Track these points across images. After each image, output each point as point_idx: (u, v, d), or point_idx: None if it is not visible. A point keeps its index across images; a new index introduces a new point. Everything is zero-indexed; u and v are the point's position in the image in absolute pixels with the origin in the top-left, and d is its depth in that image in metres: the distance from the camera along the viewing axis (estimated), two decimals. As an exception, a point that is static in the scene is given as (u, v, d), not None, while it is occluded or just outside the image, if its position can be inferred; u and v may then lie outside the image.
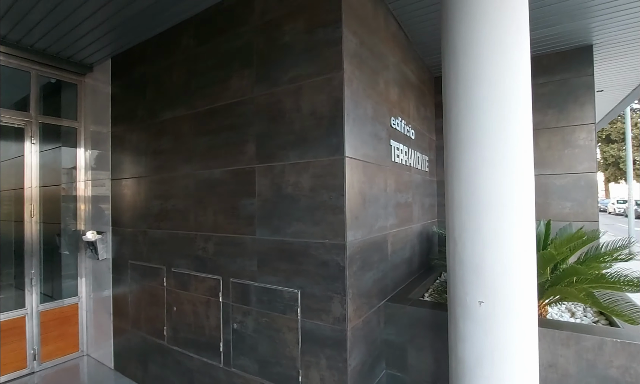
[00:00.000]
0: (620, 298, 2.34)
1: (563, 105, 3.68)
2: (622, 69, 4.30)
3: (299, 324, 2.37)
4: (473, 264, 1.70)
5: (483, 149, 1.66)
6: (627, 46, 3.67)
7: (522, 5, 1.71)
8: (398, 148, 3.00)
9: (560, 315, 2.53)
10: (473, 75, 1.69)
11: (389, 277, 2.86)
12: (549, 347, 2.06)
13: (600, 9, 3.01)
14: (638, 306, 2.15)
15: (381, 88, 2.75)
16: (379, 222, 2.63)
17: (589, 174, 3.57)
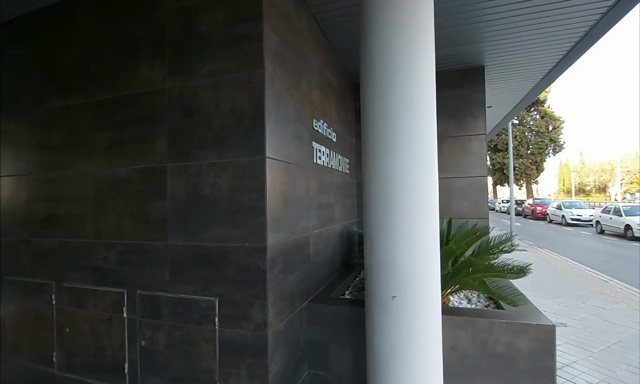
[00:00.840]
0: (505, 284, 2.74)
1: (461, 117, 4.20)
2: (506, 89, 5.08)
3: (217, 334, 2.23)
4: (387, 262, 1.80)
5: (396, 154, 1.77)
6: (509, 70, 4.35)
7: (429, 24, 1.87)
8: (320, 150, 3.05)
9: (460, 302, 2.86)
10: (388, 84, 1.80)
11: (311, 278, 2.88)
12: (451, 332, 2.30)
13: (491, 35, 3.51)
14: (518, 290, 2.55)
15: (304, 90, 2.76)
16: (301, 223, 2.63)
17: (481, 178, 4.13)
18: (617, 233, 15.00)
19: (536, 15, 3.11)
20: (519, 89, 5.05)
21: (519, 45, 3.68)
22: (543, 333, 2.11)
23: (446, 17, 3.12)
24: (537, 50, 3.76)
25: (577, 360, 3.78)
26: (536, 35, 3.46)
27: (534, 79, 4.61)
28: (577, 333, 4.50)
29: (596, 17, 3.03)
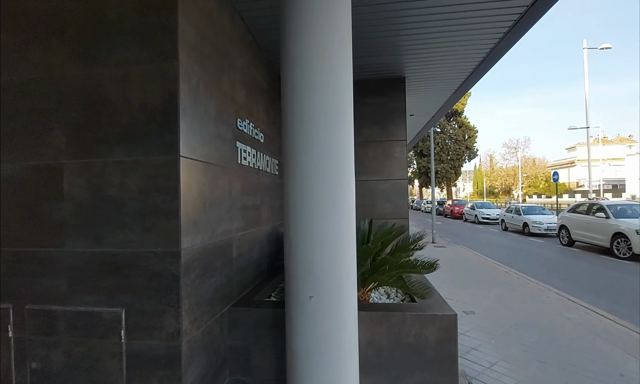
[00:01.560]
0: (419, 279, 2.98)
1: (384, 123, 4.47)
2: (425, 99, 5.53)
3: (124, 347, 2.05)
4: (304, 262, 1.83)
5: (313, 156, 1.81)
6: (427, 82, 4.75)
7: (346, 32, 1.95)
8: (245, 150, 2.99)
9: (380, 298, 3.03)
10: (305, 88, 1.83)
11: (234, 282, 2.80)
12: (368, 327, 2.42)
13: (409, 49, 3.79)
14: (429, 285, 2.78)
15: (226, 88, 2.68)
16: (222, 226, 2.54)
17: (402, 180, 4.44)
18: (517, 230, 17.31)
19: (449, 32, 3.44)
20: (436, 99, 5.55)
21: (435, 59, 4.04)
22: (447, 322, 2.34)
23: (368, 28, 3.30)
24: (451, 65, 4.17)
25: (481, 344, 4.25)
26: (450, 51, 3.83)
27: (449, 90, 5.10)
28: (483, 319, 5.07)
29: (503, 31, 3.39)
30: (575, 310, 5.46)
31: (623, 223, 10.13)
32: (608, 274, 8.44)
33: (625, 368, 3.62)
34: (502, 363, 3.74)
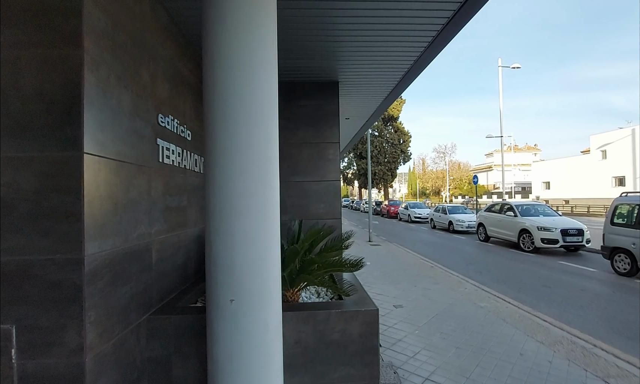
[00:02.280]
0: (344, 278, 3.09)
1: (318, 125, 4.56)
2: (359, 104, 5.76)
3: (15, 369, 1.79)
4: (225, 265, 1.78)
5: (234, 157, 1.77)
6: (360, 87, 4.95)
7: (271, 32, 1.94)
8: (168, 148, 2.81)
9: (310, 297, 3.07)
10: (226, 86, 1.78)
11: (154, 289, 2.62)
12: (295, 327, 2.44)
13: (342, 55, 3.91)
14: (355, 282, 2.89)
15: (146, 81, 2.50)
16: (139, 229, 2.36)
17: (335, 181, 4.57)
18: (443, 228, 18.88)
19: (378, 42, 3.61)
20: (369, 104, 5.81)
21: (366, 66, 4.23)
22: (369, 317, 2.46)
23: (301, 32, 3.33)
24: (381, 73, 4.39)
25: (407, 335, 4.54)
26: (379, 60, 4.03)
27: (380, 96, 5.37)
28: (409, 311, 5.42)
29: (427, 42, 3.62)
30: (487, 299, 6.11)
31: (528, 221, 11.64)
32: (515, 266, 9.62)
33: (525, 348, 4.14)
34: (424, 351, 4.04)
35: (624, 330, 4.95)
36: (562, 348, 4.10)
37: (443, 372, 3.52)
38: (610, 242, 8.40)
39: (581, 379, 3.42)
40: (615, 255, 8.25)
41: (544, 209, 12.63)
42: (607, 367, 3.65)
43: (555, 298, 6.55)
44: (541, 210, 12.46)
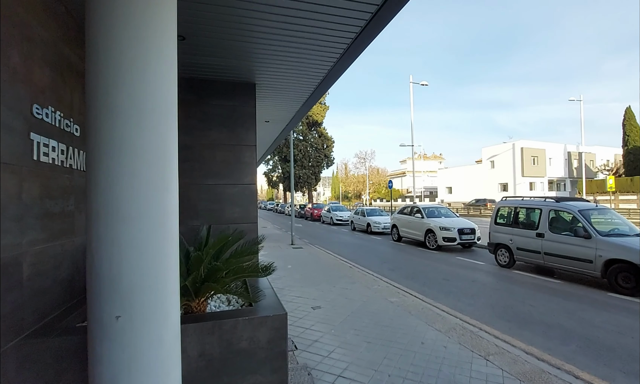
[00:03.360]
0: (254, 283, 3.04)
1: (234, 127, 4.42)
2: (278, 108, 5.76)
3: None
4: (110, 278, 1.59)
5: (122, 157, 1.60)
6: (279, 92, 4.95)
7: (169, 22, 1.81)
8: (47, 144, 2.42)
9: (219, 306, 2.94)
10: (114, 79, 1.61)
11: (27, 309, 2.22)
12: (199, 339, 2.31)
13: (259, 56, 3.85)
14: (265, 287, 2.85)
15: (16, 64, 2.11)
16: (5, 239, 1.98)
17: (251, 185, 4.47)
18: (362, 229, 19.97)
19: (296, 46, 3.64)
20: (289, 108, 5.85)
21: (284, 70, 4.23)
22: (278, 321, 2.45)
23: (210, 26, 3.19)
24: (300, 76, 4.44)
25: (323, 335, 4.65)
26: (298, 64, 4.07)
27: (299, 101, 5.45)
28: (327, 312, 5.57)
29: (341, 52, 3.77)
30: (397, 294, 6.63)
31: (432, 222, 13.00)
32: (422, 262, 10.64)
33: (425, 337, 4.57)
34: (338, 349, 4.18)
35: (503, 314, 5.82)
36: (455, 334, 4.64)
37: (355, 367, 3.69)
38: (494, 240, 9.85)
39: (468, 359, 3.90)
40: (498, 250, 9.69)
41: (446, 212, 14.25)
42: (489, 347, 4.24)
43: (452, 289, 7.41)
44: (443, 212, 14.03)
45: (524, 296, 6.85)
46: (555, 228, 8.20)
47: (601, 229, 7.48)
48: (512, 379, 3.48)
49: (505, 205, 9.88)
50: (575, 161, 47.21)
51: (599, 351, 4.33)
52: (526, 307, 6.11)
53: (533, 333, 4.92)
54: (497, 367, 3.72)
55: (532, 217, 8.86)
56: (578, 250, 7.53)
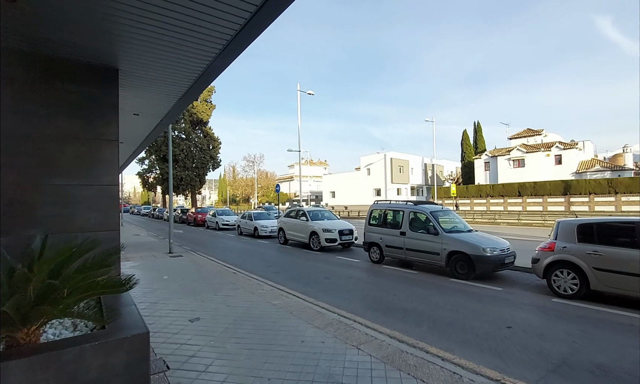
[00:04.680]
0: (111, 301, 2.61)
1: (90, 117, 3.73)
2: (151, 101, 5.15)
3: None
4: None
5: None
6: (150, 82, 4.42)
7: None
8: None
9: (61, 333, 2.40)
10: None
11: None
12: (28, 378, 1.83)
13: (123, 38, 3.35)
14: (123, 306, 2.48)
15: None
16: None
17: (112, 186, 3.85)
18: (250, 234, 19.64)
19: (170, 37, 3.30)
20: (163, 102, 5.29)
21: (155, 58, 3.79)
22: (138, 342, 2.14)
23: None
24: (175, 69, 4.05)
25: (201, 348, 4.32)
26: (172, 55, 3.70)
27: (175, 95, 4.98)
28: (206, 323, 5.22)
29: (218, 50, 3.60)
30: (280, 297, 6.70)
31: (316, 224, 13.70)
32: (305, 263, 11.07)
33: (305, 335, 4.73)
34: (217, 361, 3.95)
35: (372, 305, 6.51)
36: (332, 328, 4.95)
37: (234, 377, 3.54)
38: (368, 239, 11.00)
39: (343, 351, 4.20)
40: (371, 248, 10.85)
41: (329, 215, 15.22)
42: (360, 336, 4.66)
43: (332, 286, 7.93)
44: (327, 215, 14.95)
45: (389, 287, 7.83)
46: (414, 227, 9.66)
47: (445, 227, 9.15)
48: (378, 362, 3.90)
49: (377, 208, 11.16)
50: (430, 171, 56.85)
51: (442, 327, 5.25)
52: (390, 296, 6.98)
53: (395, 318, 5.65)
54: (367, 354, 4.11)
55: (397, 218, 10.23)
56: (429, 245, 9.04)
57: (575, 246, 6.60)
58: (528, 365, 3.97)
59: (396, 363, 3.88)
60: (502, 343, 4.60)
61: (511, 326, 5.23)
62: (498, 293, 7.13)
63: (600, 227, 6.54)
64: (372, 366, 3.80)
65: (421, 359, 3.95)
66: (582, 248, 6.48)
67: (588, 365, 3.95)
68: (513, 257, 8.54)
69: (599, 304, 6.17)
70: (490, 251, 8.08)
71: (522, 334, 4.89)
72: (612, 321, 5.42)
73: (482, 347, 4.50)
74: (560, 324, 5.32)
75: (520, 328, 5.17)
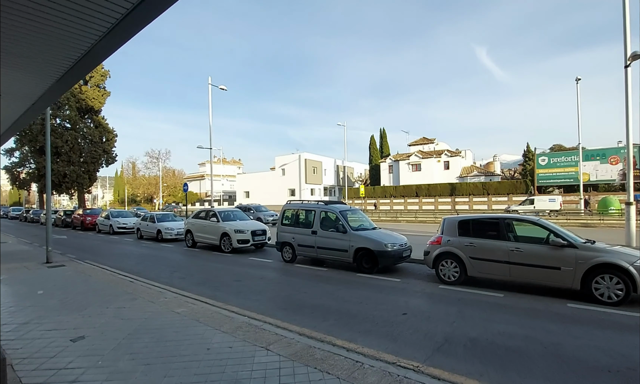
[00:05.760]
0: None
1: None
2: (21, 80, 4.28)
3: None
4: None
5: None
6: (17, 58, 3.66)
7: None
8: None
9: None
10: None
11: None
12: None
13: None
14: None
15: None
16: None
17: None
18: (152, 237, 17.86)
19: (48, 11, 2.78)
20: (33, 83, 4.43)
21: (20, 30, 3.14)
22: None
23: None
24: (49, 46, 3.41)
25: (85, 370, 3.77)
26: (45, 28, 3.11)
27: (50, 76, 4.21)
28: (93, 341, 4.56)
29: (109, 25, 3.14)
30: (186, 304, 6.25)
31: (227, 225, 13.18)
32: (216, 267, 10.55)
33: (212, 341, 4.50)
34: (106, 383, 3.49)
35: (283, 304, 6.55)
36: (241, 332, 4.83)
37: (126, 398, 3.18)
38: (280, 238, 11.04)
39: (252, 353, 4.13)
40: (284, 247, 10.93)
41: (241, 215, 14.80)
42: (270, 337, 4.64)
43: (243, 288, 7.73)
44: (239, 216, 14.51)
45: (301, 285, 8.00)
46: (325, 226, 10.05)
47: (353, 225, 9.75)
48: (287, 360, 3.94)
49: (289, 208, 11.28)
50: (342, 173, 59.89)
51: (347, 319, 5.57)
52: (301, 294, 7.13)
53: (304, 315, 5.79)
54: (276, 354, 4.12)
55: (309, 218, 10.50)
56: (339, 242, 9.51)
57: (456, 239, 7.71)
58: (418, 345, 4.49)
59: (304, 358, 3.98)
60: (397, 328, 5.10)
61: (406, 312, 5.84)
62: (397, 284, 7.89)
63: (474, 223, 7.77)
64: (281, 365, 3.83)
65: (327, 353, 4.12)
66: (462, 241, 7.61)
67: (463, 340, 4.65)
68: (410, 251, 9.54)
69: (474, 287, 7.32)
70: (391, 247, 8.89)
71: (414, 319, 5.51)
72: (482, 301, 6.48)
73: (381, 333, 4.92)
74: (444, 307, 6.15)
75: (412, 313, 5.80)
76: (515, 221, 7.59)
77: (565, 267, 6.35)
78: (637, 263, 5.86)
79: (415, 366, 3.86)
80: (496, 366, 3.93)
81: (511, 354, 4.24)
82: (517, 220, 7.70)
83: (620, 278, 5.89)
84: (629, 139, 11.92)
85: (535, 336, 4.74)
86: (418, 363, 3.93)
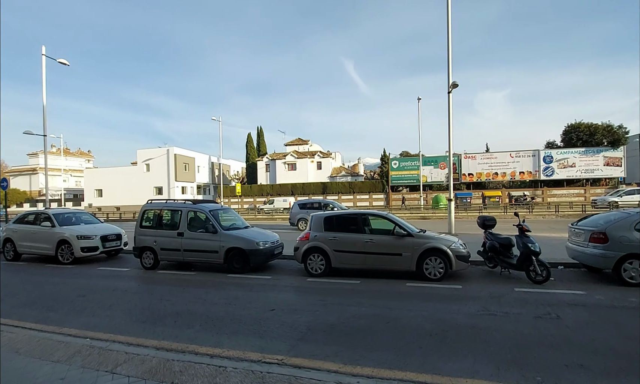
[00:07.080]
0: None
1: None
2: None
3: None
4: None
5: None
6: None
7: None
8: None
9: None
10: None
11: None
12: None
13: None
14: None
15: None
16: None
17: None
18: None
19: None
20: None
21: None
22: None
23: None
24: None
25: None
26: None
27: None
28: None
29: None
30: None
31: (67, 230, 10.85)
32: (50, 282, 8.56)
33: (37, 376, 3.65)
34: None
35: (140, 316, 5.80)
36: (80, 357, 4.06)
37: None
38: (139, 243, 9.77)
39: (92, 380, 3.52)
40: (143, 253, 9.71)
41: (88, 217, 12.43)
42: (118, 357, 4.04)
43: (88, 305, 6.51)
44: (84, 218, 12.14)
45: (163, 293, 7.25)
46: (193, 227, 9.38)
47: (224, 225, 9.41)
48: (138, 380, 3.51)
49: (151, 208, 10.09)
50: (217, 170, 57.16)
51: (214, 323, 5.32)
52: (162, 303, 6.47)
53: (165, 326, 5.27)
54: (124, 375, 3.62)
55: (175, 219, 9.63)
56: (209, 244, 9.04)
57: (322, 234, 8.34)
58: (283, 338, 4.65)
59: (159, 374, 3.62)
60: (264, 325, 5.17)
61: (274, 308, 5.98)
62: (267, 281, 8.01)
63: (337, 219, 8.56)
64: (130, 387, 3.38)
65: (188, 363, 3.85)
66: (327, 235, 8.27)
67: (323, 327, 5.06)
68: (282, 248, 9.82)
69: (337, 277, 8.05)
70: (263, 244, 8.97)
71: (281, 313, 5.69)
72: (342, 289, 7.20)
73: (249, 332, 4.91)
74: (309, 298, 6.57)
75: (280, 308, 5.99)
76: (371, 216, 8.69)
77: (406, 253, 7.65)
78: (452, 246, 7.53)
79: (279, 359, 3.98)
80: (348, 345, 4.41)
81: (361, 332, 4.84)
82: (372, 215, 8.83)
83: (442, 259, 7.46)
84: (450, 149, 15.20)
85: (381, 314, 5.54)
86: (282, 356, 4.06)
